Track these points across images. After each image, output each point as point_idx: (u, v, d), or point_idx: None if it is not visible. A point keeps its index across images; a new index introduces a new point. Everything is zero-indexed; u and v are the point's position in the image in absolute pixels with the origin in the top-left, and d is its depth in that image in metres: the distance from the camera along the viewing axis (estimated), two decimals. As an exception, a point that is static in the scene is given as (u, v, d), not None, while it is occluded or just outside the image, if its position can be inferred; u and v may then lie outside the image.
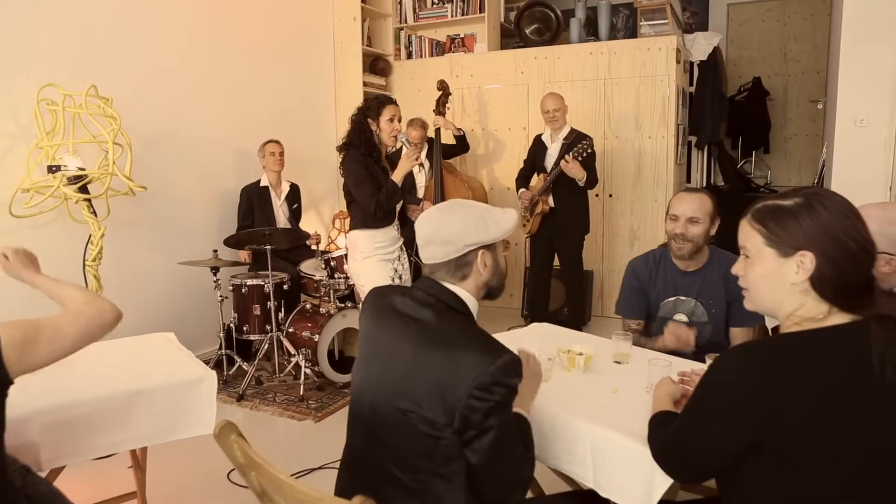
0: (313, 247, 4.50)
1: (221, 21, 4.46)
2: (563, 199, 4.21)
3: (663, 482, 1.42)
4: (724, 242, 2.33)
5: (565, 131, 4.28)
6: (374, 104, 3.17)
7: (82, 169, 3.16)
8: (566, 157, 4.06)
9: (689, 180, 5.91)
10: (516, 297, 5.30)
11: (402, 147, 3.33)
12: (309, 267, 4.14)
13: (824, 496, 1.08)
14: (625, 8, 6.54)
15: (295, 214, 4.51)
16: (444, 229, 1.44)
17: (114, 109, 3.28)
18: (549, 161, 4.30)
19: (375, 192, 3.09)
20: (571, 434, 1.63)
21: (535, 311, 4.54)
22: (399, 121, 3.18)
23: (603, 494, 1.57)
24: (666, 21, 4.93)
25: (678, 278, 2.41)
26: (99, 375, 1.94)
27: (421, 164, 3.15)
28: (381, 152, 3.21)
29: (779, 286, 1.18)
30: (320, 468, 2.85)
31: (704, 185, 6.06)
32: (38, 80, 3.27)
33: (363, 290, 3.26)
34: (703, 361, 1.90)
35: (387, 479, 1.40)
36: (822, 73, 6.85)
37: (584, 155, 4.08)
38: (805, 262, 1.13)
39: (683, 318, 2.41)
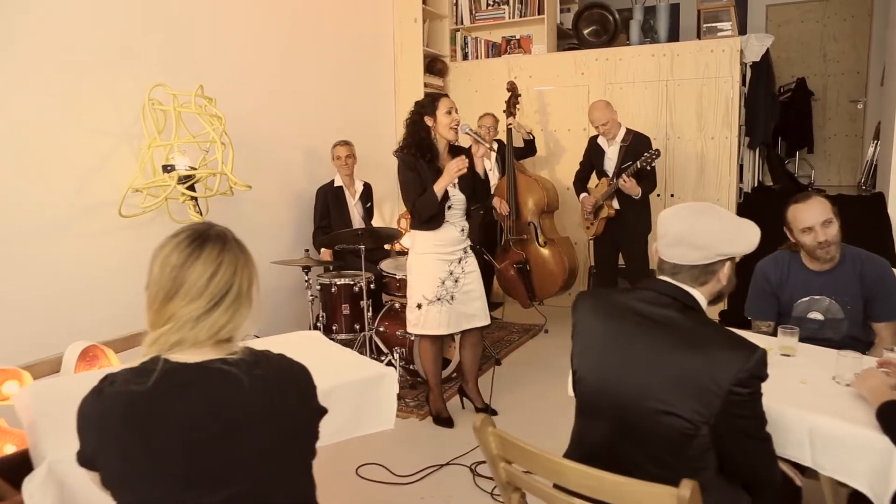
0: (386, 246, 4.52)
1: (291, 24, 4.48)
2: (627, 201, 4.23)
3: (905, 470, 1.46)
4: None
5: (622, 134, 4.28)
6: (428, 101, 3.13)
7: (193, 168, 3.17)
8: (623, 176, 4.07)
9: (741, 180, 5.96)
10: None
11: (469, 142, 3.32)
12: (389, 266, 4.16)
13: None
14: (670, 9, 6.60)
15: (369, 213, 4.53)
16: (700, 234, 1.45)
17: (217, 108, 3.31)
18: (609, 164, 4.31)
19: (416, 196, 3.06)
20: (783, 419, 1.67)
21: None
22: (456, 112, 3.13)
23: (825, 473, 1.63)
24: (729, 22, 4.99)
25: (811, 278, 2.43)
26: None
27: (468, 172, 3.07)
28: (439, 151, 3.14)
29: None
30: (447, 464, 2.88)
31: (756, 185, 6.12)
32: (140, 81, 3.29)
33: (413, 283, 3.25)
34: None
35: (638, 474, 1.42)
36: (863, 74, 6.94)
37: (649, 168, 4.10)
38: None
39: (819, 316, 2.45)
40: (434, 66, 5.65)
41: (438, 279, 3.17)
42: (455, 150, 3.23)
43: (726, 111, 4.97)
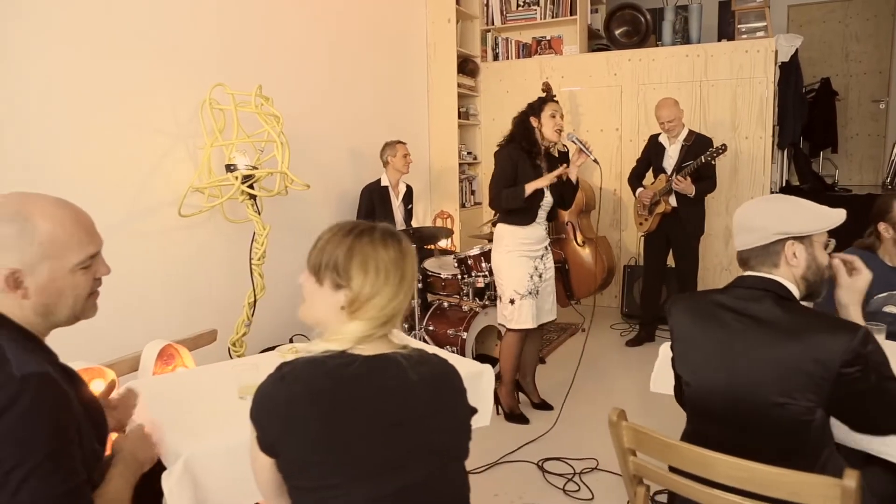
0: (428, 246, 4.54)
1: (337, 25, 4.49)
2: (685, 199, 4.26)
3: None
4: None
5: (684, 133, 4.32)
6: (537, 103, 3.28)
7: (254, 167, 3.18)
8: (677, 176, 4.12)
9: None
10: (610, 295, 5.37)
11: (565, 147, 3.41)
12: (433, 265, 4.17)
13: None
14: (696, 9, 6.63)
15: (409, 215, 4.55)
16: (754, 217, 1.50)
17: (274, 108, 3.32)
18: (669, 162, 4.34)
19: (504, 187, 3.18)
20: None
21: (648, 310, 4.60)
22: (561, 117, 3.26)
23: None
24: (763, 23, 5.02)
25: (890, 274, 2.47)
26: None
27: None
28: (541, 150, 3.28)
29: None
30: (498, 462, 2.92)
31: (784, 185, 6.15)
32: (194, 81, 3.30)
33: (501, 283, 3.33)
34: None
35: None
36: (885, 74, 6.98)
37: (713, 162, 4.13)
38: None
39: (895, 310, 2.49)
40: (465, 66, 5.66)
41: (527, 274, 3.27)
42: (550, 155, 3.35)
43: (760, 111, 5.00)
